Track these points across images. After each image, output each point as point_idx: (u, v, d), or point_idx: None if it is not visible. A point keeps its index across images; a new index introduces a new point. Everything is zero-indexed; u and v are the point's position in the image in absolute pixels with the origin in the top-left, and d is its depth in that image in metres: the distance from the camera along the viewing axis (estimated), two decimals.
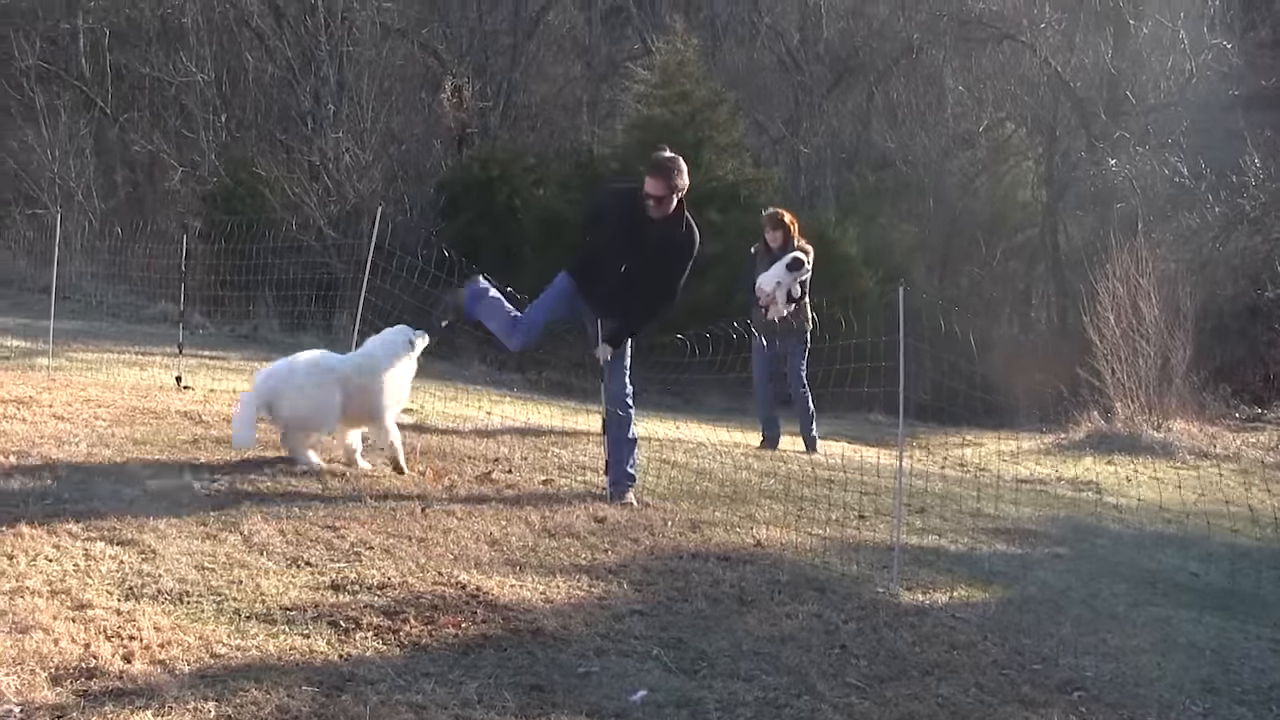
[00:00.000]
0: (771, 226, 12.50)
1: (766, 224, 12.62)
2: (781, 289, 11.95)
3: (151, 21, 36.45)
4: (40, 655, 4.75)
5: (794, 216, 12.75)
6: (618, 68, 36.78)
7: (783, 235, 12.38)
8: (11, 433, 8.66)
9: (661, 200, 8.24)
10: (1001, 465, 13.79)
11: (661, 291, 8.46)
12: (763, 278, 12.04)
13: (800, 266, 12.04)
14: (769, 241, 12.47)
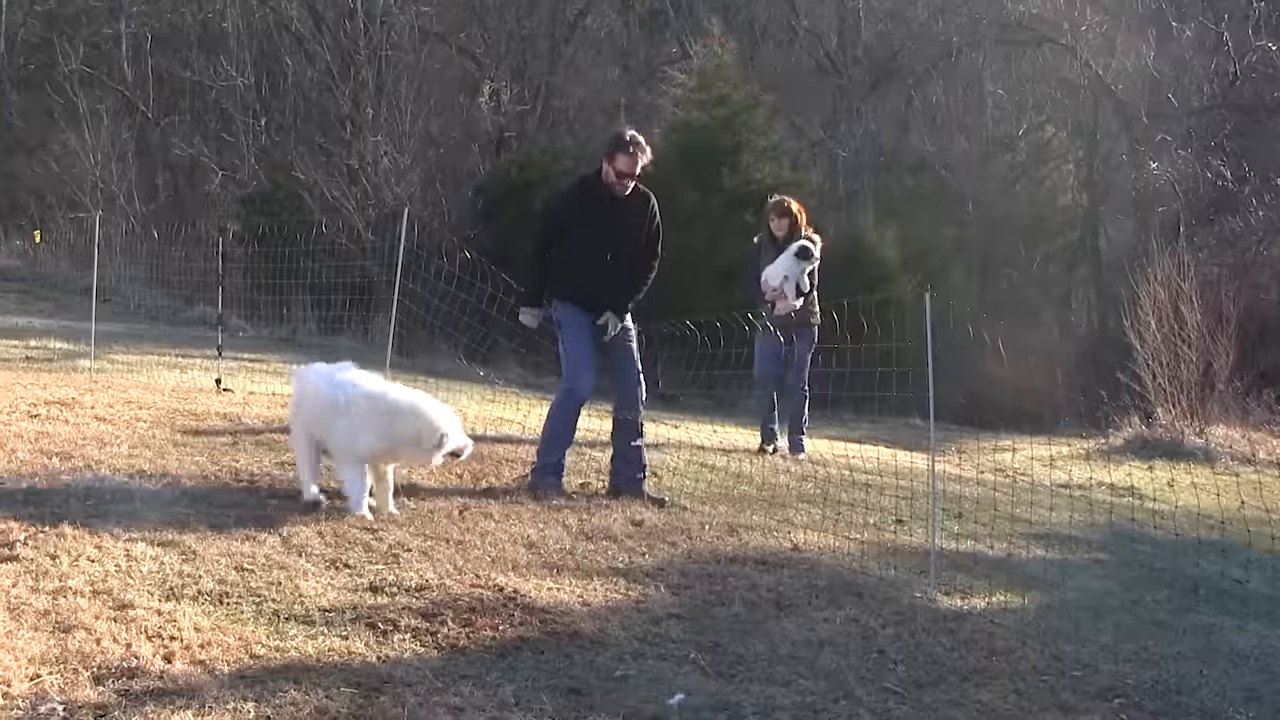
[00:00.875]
0: (777, 215, 11.65)
1: (771, 212, 11.75)
2: (790, 282, 11.17)
3: (193, 26, 36.73)
4: (83, 654, 4.78)
5: (802, 205, 11.82)
6: (655, 71, 36.75)
7: (789, 224, 11.51)
8: (54, 434, 8.73)
9: (633, 177, 8.44)
10: (1040, 470, 13.70)
11: (649, 261, 8.61)
12: (769, 270, 11.25)
13: (809, 255, 11.25)
14: (774, 231, 11.62)
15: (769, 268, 11.26)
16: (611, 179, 8.39)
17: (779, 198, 11.94)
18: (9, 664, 4.62)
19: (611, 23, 40.14)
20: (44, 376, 12.24)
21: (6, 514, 6.49)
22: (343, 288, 19.45)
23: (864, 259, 26.45)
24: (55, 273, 25.68)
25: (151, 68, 35.82)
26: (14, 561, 5.79)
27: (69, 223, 28.13)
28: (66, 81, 32.94)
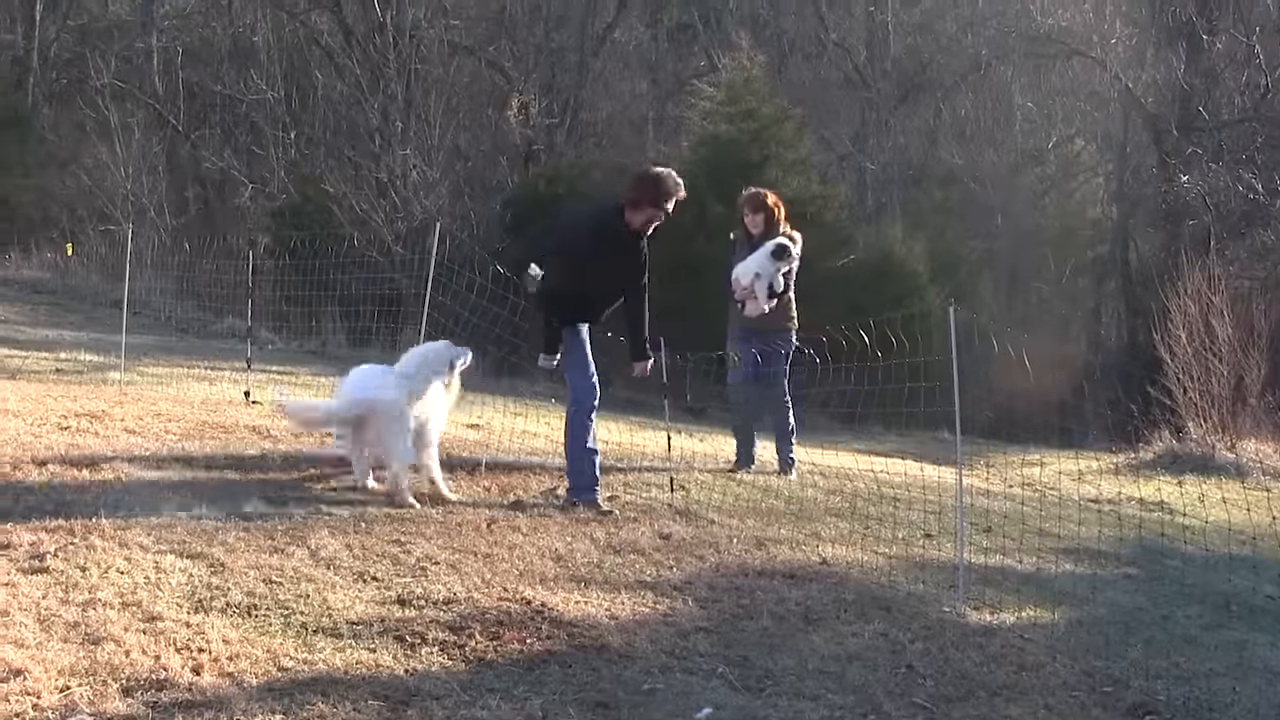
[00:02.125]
0: (751, 210, 10.49)
1: (745, 207, 10.56)
2: (762, 281, 10.11)
3: (223, 40, 36.97)
4: (112, 666, 4.80)
5: (779, 199, 10.65)
6: (684, 84, 36.87)
7: (765, 220, 10.42)
8: (85, 446, 8.76)
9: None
10: (1069, 485, 13.62)
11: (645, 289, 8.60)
12: (739, 267, 10.20)
13: (786, 254, 10.17)
14: (749, 227, 10.52)
15: (739, 265, 10.25)
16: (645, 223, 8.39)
17: (754, 190, 10.79)
18: (39, 675, 4.64)
19: (640, 36, 40.24)
20: (74, 389, 12.29)
21: (37, 526, 6.52)
22: (371, 300, 19.47)
23: (892, 272, 26.43)
24: (86, 285, 25.80)
25: (182, 81, 36.04)
26: (44, 573, 5.82)
27: (100, 235, 28.30)
28: (98, 95, 33.15)
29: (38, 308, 23.18)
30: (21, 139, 33.49)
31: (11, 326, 19.08)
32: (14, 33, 35.98)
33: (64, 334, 18.94)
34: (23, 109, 34.46)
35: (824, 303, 24.71)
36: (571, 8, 36.36)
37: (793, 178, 27.12)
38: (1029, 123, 34.44)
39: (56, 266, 27.25)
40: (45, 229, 30.66)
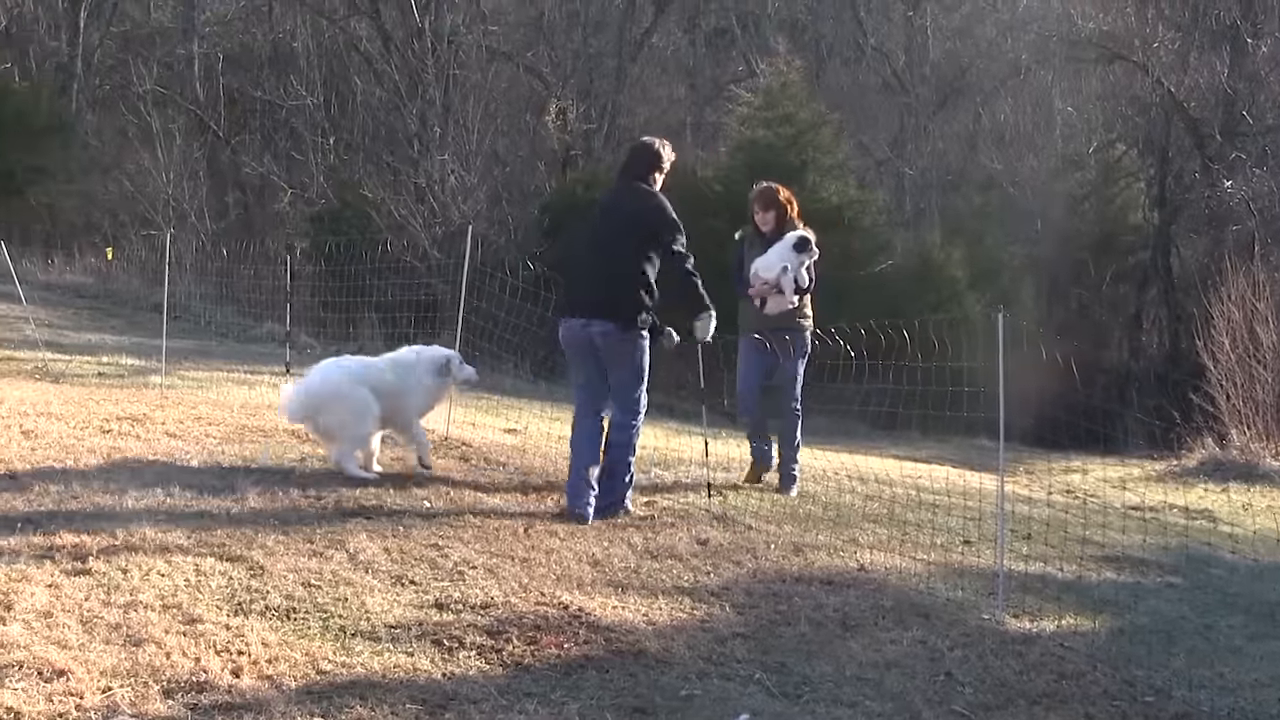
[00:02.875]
0: (762, 206, 9.78)
1: (756, 203, 9.86)
2: (788, 275, 9.43)
3: (263, 47, 37.22)
4: (153, 668, 4.83)
5: (790, 194, 9.96)
6: (722, 90, 36.88)
7: (776, 217, 9.72)
8: (126, 449, 8.81)
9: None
10: (1110, 492, 13.53)
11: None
12: (760, 262, 9.47)
13: (808, 247, 9.49)
14: (759, 225, 9.79)
15: (759, 260, 9.50)
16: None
17: (764, 185, 10.06)
18: (81, 676, 4.68)
19: (678, 42, 40.29)
20: (116, 392, 12.37)
21: (79, 528, 6.56)
22: (409, 305, 19.54)
23: (931, 277, 26.37)
24: (127, 290, 25.97)
25: (223, 87, 36.33)
26: (86, 575, 5.86)
27: (141, 240, 28.50)
28: (140, 101, 33.42)
29: (80, 312, 23.35)
30: (65, 145, 33.76)
31: (55, 330, 19.21)
32: (59, 39, 36.30)
33: (106, 338, 19.06)
34: (67, 115, 34.74)
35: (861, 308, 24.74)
36: (609, 13, 36.45)
37: (831, 183, 27.12)
38: (1069, 127, 34.26)
39: (99, 271, 27.46)
40: (88, 234, 30.93)
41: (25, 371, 14.19)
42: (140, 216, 30.41)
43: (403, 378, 8.71)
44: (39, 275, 26.06)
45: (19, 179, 32.10)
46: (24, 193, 32.26)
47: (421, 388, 8.77)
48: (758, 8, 40.78)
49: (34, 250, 28.35)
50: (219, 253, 22.62)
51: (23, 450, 8.49)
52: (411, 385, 8.72)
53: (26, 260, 26.34)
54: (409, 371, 8.78)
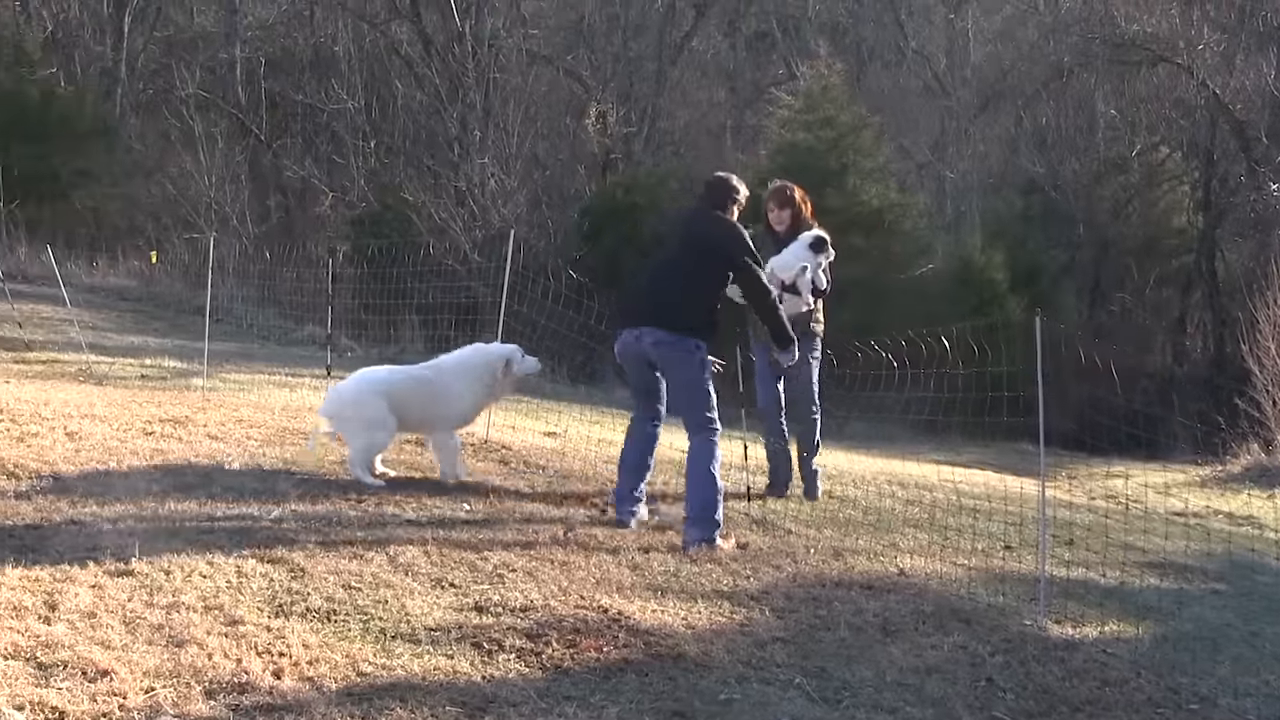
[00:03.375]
0: (777, 204, 9.46)
1: (770, 201, 9.54)
2: (806, 276, 9.08)
3: (305, 50, 37.41)
4: (195, 669, 4.86)
5: (805, 193, 9.61)
6: (762, 93, 36.87)
7: (791, 216, 9.42)
8: (168, 451, 8.88)
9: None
10: (1154, 498, 13.45)
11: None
12: (777, 261, 8.99)
13: (825, 247, 9.16)
14: (773, 224, 9.49)
15: (775, 260, 9.02)
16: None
17: (780, 183, 9.75)
18: (125, 676, 4.71)
19: (718, 45, 40.28)
20: (158, 395, 12.46)
21: (123, 530, 6.62)
22: (449, 308, 19.56)
23: (972, 281, 26.27)
24: (170, 293, 26.15)
25: (265, 91, 36.51)
26: (129, 576, 5.90)
27: (183, 244, 28.68)
28: (183, 105, 33.64)
29: (123, 315, 23.52)
30: (109, 149, 34.03)
31: (99, 333, 19.35)
32: (103, 44, 36.58)
33: (149, 340, 19.20)
34: (111, 119, 35.00)
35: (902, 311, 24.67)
36: (649, 17, 36.44)
37: (871, 186, 27.06)
38: (1112, 130, 34.01)
39: (142, 274, 27.66)
40: (131, 237, 31.13)
41: (70, 374, 14.31)
42: (183, 220, 30.59)
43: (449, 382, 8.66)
44: (83, 278, 26.29)
45: (64, 182, 32.37)
46: (69, 196, 32.53)
47: (471, 393, 8.70)
48: (798, 11, 40.73)
49: (78, 253, 28.57)
50: (261, 256, 22.73)
51: (67, 452, 8.57)
52: (459, 390, 8.65)
53: (71, 263, 26.56)
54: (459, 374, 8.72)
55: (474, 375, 8.72)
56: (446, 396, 8.62)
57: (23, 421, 9.46)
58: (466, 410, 8.81)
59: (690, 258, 7.96)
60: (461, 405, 8.71)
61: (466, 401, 8.72)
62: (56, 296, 18.28)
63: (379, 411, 8.38)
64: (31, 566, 5.91)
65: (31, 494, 7.30)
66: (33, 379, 13.46)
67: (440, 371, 8.80)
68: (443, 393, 8.61)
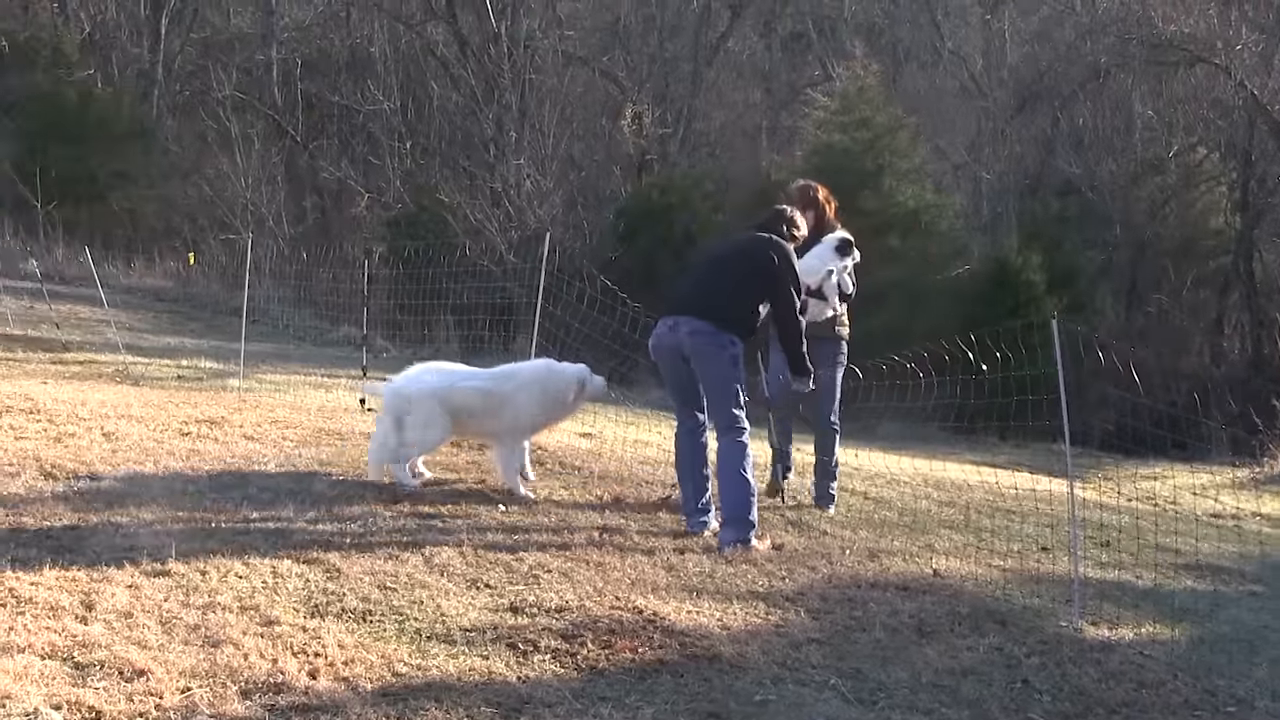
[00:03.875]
0: (802, 205, 8.89)
1: (795, 199, 9.04)
2: (832, 280, 8.85)
3: (341, 52, 37.58)
4: (231, 669, 4.87)
5: (829, 193, 9.24)
6: (798, 94, 36.81)
7: (815, 217, 8.95)
8: (205, 452, 8.92)
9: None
10: (1190, 499, 13.36)
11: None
12: (801, 265, 8.29)
13: (850, 249, 8.97)
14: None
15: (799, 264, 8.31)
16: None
17: (804, 183, 9.34)
18: (161, 676, 4.73)
19: (754, 46, 40.25)
20: (195, 395, 12.53)
21: (159, 530, 6.65)
22: (484, 308, 19.60)
23: (1008, 282, 26.14)
24: (206, 294, 26.32)
25: (301, 92, 36.68)
26: (166, 576, 5.93)
27: (220, 245, 28.85)
28: (220, 107, 33.84)
29: (160, 315, 23.68)
30: (147, 150, 34.27)
31: (135, 334, 19.48)
32: (141, 46, 36.83)
33: (185, 341, 19.33)
34: (148, 121, 35.25)
35: (938, 312, 24.59)
36: (685, 18, 36.46)
37: (907, 187, 27.00)
38: (1149, 131, 33.78)
39: (178, 275, 27.85)
40: (168, 238, 31.34)
41: (106, 374, 14.41)
42: (219, 221, 30.78)
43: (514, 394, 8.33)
44: (120, 279, 26.49)
45: (101, 184, 32.65)
46: (106, 197, 32.80)
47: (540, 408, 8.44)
48: (834, 11, 40.68)
49: (115, 254, 28.80)
50: (297, 257, 22.84)
51: (104, 452, 8.62)
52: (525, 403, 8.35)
53: (108, 264, 26.77)
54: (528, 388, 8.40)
55: (545, 392, 8.43)
56: (512, 408, 8.32)
57: (60, 422, 9.53)
58: (530, 425, 8.54)
59: (742, 265, 7.95)
60: (527, 419, 8.43)
61: (532, 416, 8.46)
62: (94, 297, 18.43)
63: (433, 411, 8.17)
64: (69, 567, 5.95)
65: (69, 494, 7.35)
66: (70, 379, 13.57)
67: (509, 382, 8.44)
68: (508, 404, 8.31)
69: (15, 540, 6.31)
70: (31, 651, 4.87)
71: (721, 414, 7.81)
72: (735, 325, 7.77)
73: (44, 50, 34.23)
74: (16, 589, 5.57)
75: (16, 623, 5.16)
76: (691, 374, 7.90)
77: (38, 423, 9.45)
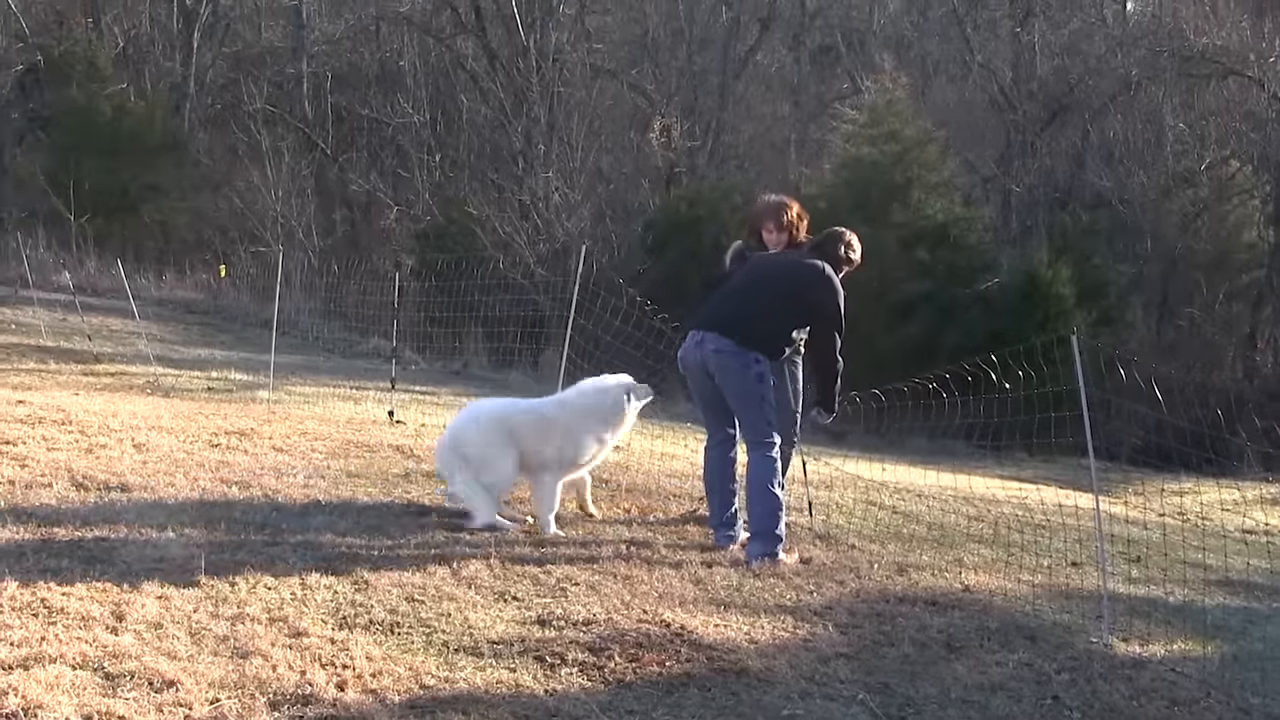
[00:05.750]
0: (775, 225, 8.39)
1: (765, 218, 8.51)
2: None
3: (371, 65, 37.75)
4: (260, 680, 4.88)
5: (802, 209, 8.55)
6: (826, 107, 36.78)
7: (788, 239, 8.41)
8: (234, 463, 8.95)
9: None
10: (1222, 514, 13.27)
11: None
12: None
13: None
14: (769, 245, 8.48)
15: None
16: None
17: (775, 199, 8.78)
18: (190, 687, 4.74)
19: (782, 59, 40.26)
20: (224, 407, 12.58)
21: (189, 541, 6.68)
22: (514, 321, 19.65)
23: (1037, 296, 26.07)
24: (236, 306, 26.47)
25: (331, 106, 36.88)
26: (196, 587, 5.94)
27: (250, 257, 29.00)
28: (250, 120, 34.05)
29: (191, 327, 23.81)
30: (178, 163, 34.50)
31: (166, 345, 19.60)
32: (173, 60, 37.08)
33: (215, 353, 19.43)
34: (180, 134, 35.49)
35: (967, 325, 24.55)
36: (714, 31, 36.51)
37: (936, 200, 26.96)
38: (1181, 144, 33.65)
39: (209, 287, 28.02)
40: (199, 250, 31.55)
41: (137, 386, 14.49)
42: (249, 233, 30.95)
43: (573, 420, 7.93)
44: (152, 291, 26.67)
45: (133, 196, 32.88)
46: (138, 210, 33.04)
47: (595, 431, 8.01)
48: (863, 25, 40.66)
49: (147, 266, 28.99)
50: (326, 269, 22.94)
51: (134, 463, 8.66)
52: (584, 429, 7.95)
53: (140, 276, 26.93)
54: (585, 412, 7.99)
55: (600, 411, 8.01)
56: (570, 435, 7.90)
57: (91, 433, 9.58)
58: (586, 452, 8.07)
59: (783, 289, 7.83)
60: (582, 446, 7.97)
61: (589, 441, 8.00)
62: (125, 309, 18.55)
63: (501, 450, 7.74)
64: (100, 577, 5.97)
65: (100, 505, 7.38)
66: (101, 391, 13.65)
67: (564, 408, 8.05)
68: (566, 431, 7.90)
69: (47, 550, 6.34)
70: (63, 661, 4.89)
71: (750, 428, 7.77)
72: (760, 345, 7.69)
73: (79, 65, 34.50)
74: (48, 599, 5.59)
75: (48, 633, 5.19)
76: (718, 389, 7.84)
77: (70, 434, 9.50)
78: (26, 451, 8.70)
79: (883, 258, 24.27)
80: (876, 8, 41.47)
